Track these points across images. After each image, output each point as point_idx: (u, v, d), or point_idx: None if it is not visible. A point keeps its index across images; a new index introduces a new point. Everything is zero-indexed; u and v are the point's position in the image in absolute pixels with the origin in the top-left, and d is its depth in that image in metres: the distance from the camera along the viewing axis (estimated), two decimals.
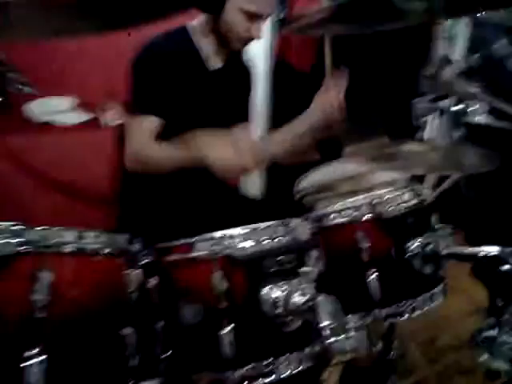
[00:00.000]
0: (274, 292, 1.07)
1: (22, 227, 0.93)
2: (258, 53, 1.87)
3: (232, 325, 1.07)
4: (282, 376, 1.07)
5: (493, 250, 1.23)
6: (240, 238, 1.10)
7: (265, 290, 1.07)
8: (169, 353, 1.10)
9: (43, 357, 0.88)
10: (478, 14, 2.24)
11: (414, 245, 1.31)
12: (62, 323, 0.93)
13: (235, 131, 1.48)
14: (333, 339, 0.97)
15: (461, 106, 1.25)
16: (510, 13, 2.37)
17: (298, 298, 1.05)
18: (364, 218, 1.32)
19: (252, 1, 1.51)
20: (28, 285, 0.90)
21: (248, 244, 1.10)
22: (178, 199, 1.68)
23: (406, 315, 1.33)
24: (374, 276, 1.29)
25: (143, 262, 1.13)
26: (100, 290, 1.03)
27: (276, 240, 1.13)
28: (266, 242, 1.12)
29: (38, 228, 0.94)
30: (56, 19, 0.85)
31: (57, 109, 2.23)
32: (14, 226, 0.94)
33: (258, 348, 1.09)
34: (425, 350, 1.90)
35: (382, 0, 1.14)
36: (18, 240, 0.92)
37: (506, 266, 1.19)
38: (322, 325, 0.99)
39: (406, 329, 1.82)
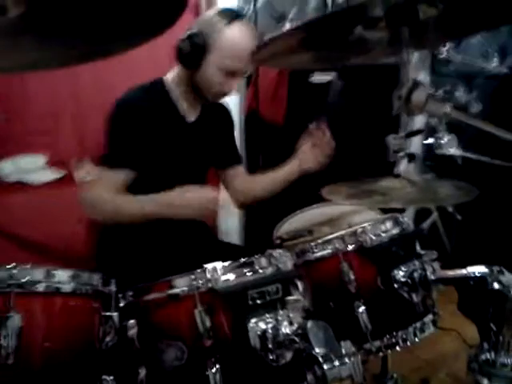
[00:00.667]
0: (261, 324, 1.02)
1: None
2: (230, 106, 1.90)
3: (218, 364, 1.01)
4: None
5: (480, 269, 1.21)
6: (222, 271, 1.06)
7: (251, 324, 1.02)
8: None
9: None
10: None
11: (401, 272, 1.29)
12: (32, 370, 0.86)
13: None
14: (327, 366, 0.91)
15: (433, 140, 1.25)
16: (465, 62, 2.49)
17: (286, 328, 0.99)
18: (348, 249, 1.29)
19: (230, 59, 1.55)
20: None
21: (231, 276, 1.06)
22: (154, 248, 1.63)
23: (398, 347, 1.28)
24: (362, 307, 1.25)
25: (120, 305, 1.07)
26: (74, 335, 0.96)
27: (260, 271, 1.09)
28: (249, 273, 1.08)
29: (8, 266, 0.89)
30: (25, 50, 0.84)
31: (27, 168, 2.19)
32: None
33: None
34: None
35: (344, 31, 1.16)
36: None
37: (496, 285, 1.17)
38: (314, 352, 0.93)
39: (400, 369, 1.75)
